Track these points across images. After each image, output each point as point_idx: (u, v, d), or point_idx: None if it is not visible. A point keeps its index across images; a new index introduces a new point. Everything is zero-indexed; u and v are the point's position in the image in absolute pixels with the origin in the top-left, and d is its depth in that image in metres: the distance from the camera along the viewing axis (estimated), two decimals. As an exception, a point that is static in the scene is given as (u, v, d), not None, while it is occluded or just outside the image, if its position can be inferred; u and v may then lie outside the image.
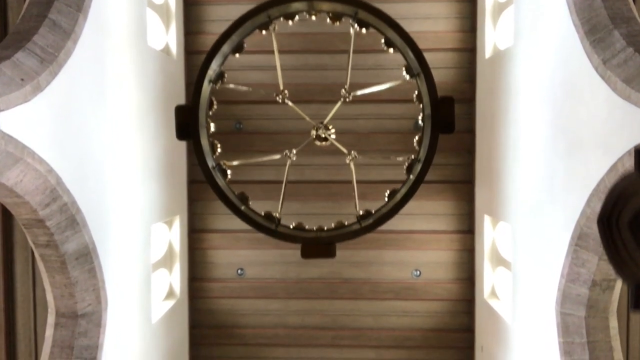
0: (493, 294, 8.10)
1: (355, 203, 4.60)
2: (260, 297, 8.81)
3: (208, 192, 8.76)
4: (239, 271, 8.85)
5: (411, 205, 8.73)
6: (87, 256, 5.38)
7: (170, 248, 8.28)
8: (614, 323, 5.39)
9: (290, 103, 4.80)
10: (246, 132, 8.73)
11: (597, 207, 4.89)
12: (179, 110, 4.33)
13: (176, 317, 8.20)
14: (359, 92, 4.92)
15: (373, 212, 4.54)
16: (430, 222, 8.74)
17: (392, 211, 4.24)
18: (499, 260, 7.94)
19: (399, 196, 4.23)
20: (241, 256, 8.84)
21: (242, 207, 4.28)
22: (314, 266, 8.82)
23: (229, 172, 4.36)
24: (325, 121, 4.85)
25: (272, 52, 9.15)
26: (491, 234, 8.09)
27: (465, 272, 8.71)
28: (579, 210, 5.12)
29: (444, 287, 8.69)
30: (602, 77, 4.73)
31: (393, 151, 8.69)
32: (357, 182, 8.61)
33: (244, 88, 5.29)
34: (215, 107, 4.49)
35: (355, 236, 4.19)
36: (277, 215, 4.40)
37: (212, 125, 4.47)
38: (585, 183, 4.98)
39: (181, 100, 8.46)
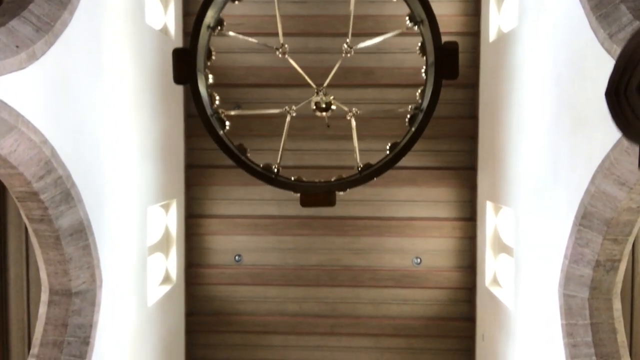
0: (495, 281, 8.09)
1: (356, 156, 4.54)
2: (258, 284, 8.80)
3: (206, 176, 8.81)
4: (237, 257, 8.84)
5: (412, 192, 8.82)
6: (82, 232, 5.36)
7: (167, 233, 8.27)
8: (617, 305, 5.37)
9: (290, 59, 4.75)
10: (245, 115, 8.70)
11: (602, 184, 4.88)
12: (177, 53, 4.27)
13: (172, 303, 8.19)
14: (360, 45, 4.86)
15: (373, 164, 4.49)
16: (432, 209, 8.73)
17: (392, 161, 4.19)
18: (501, 247, 7.93)
19: (399, 147, 4.18)
20: (239, 242, 8.83)
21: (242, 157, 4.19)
22: (313, 253, 8.81)
23: (227, 123, 4.28)
24: (326, 83, 4.82)
25: (271, 34, 9.15)
26: (493, 221, 8.08)
27: (467, 260, 8.69)
28: (583, 189, 5.10)
29: (444, 275, 8.67)
30: (608, 51, 4.70)
31: (395, 136, 8.65)
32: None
33: (246, 38, 5.19)
34: (214, 57, 4.45)
35: (354, 184, 4.15)
36: (276, 165, 4.33)
37: (210, 76, 4.43)
38: (590, 160, 4.96)
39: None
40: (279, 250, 8.81)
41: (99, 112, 5.68)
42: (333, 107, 4.61)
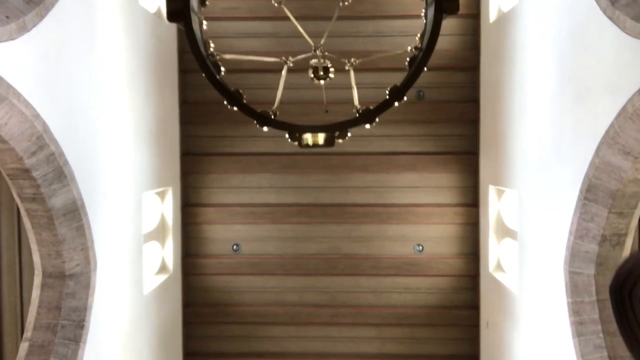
0: (498, 267, 8.08)
1: (354, 100, 4.49)
2: (256, 273, 8.77)
3: (202, 164, 8.79)
4: (235, 247, 8.82)
5: (413, 178, 8.81)
6: (75, 213, 5.34)
7: (163, 221, 8.25)
8: (624, 282, 5.36)
9: (285, 9, 4.71)
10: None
11: (607, 155, 4.88)
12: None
13: (169, 293, 8.17)
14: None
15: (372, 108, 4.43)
16: (433, 195, 8.72)
17: (391, 100, 4.13)
18: (505, 232, 7.92)
19: (399, 86, 4.13)
20: (237, 231, 8.82)
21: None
22: (313, 241, 8.80)
23: (222, 68, 4.22)
24: (323, 40, 4.79)
25: (266, 18, 9.14)
26: (496, 205, 8.07)
27: (470, 246, 8.68)
28: (587, 162, 5.09)
29: (447, 262, 8.66)
30: (611, 18, 4.70)
31: (395, 121, 8.67)
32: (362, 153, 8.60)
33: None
34: (207, 3, 4.43)
35: (354, 124, 4.09)
36: (274, 110, 4.28)
37: (204, 23, 4.39)
38: (594, 131, 4.95)
39: (174, 67, 8.45)
40: (278, 239, 8.80)
41: (92, 91, 5.67)
42: (331, 75, 4.60)
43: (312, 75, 4.63)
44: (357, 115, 4.15)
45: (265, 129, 4.20)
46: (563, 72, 5.65)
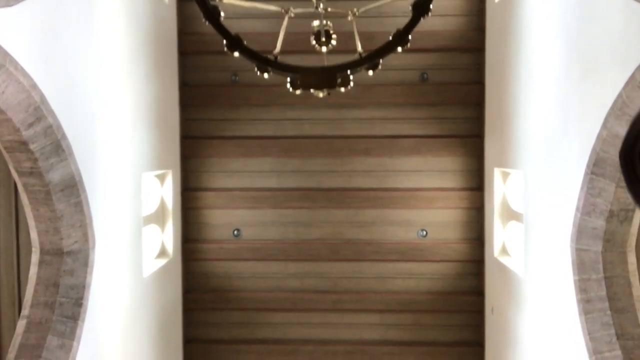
0: (504, 251, 8.06)
1: (357, 44, 4.44)
2: (257, 259, 8.77)
3: (202, 148, 8.78)
4: (235, 232, 8.82)
5: (417, 162, 8.80)
6: (74, 188, 5.34)
7: (163, 205, 8.25)
8: (632, 259, 5.34)
9: None
10: (242, 84, 8.70)
11: (614, 127, 4.85)
12: None
13: (169, 278, 8.17)
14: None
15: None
16: (437, 179, 8.70)
17: (394, 42, 4.08)
18: (510, 215, 7.90)
19: (402, 30, 4.08)
20: (237, 216, 8.81)
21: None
22: (315, 226, 8.79)
23: (222, 13, 4.17)
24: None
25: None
26: (501, 189, 8.05)
27: (474, 231, 8.67)
28: (594, 135, 5.07)
29: (451, 247, 8.65)
30: (619, -13, 4.68)
31: (398, 103, 8.66)
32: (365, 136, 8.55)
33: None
34: None
35: (358, 65, 4.05)
36: (275, 53, 4.23)
37: None
38: (602, 103, 4.93)
39: (173, 49, 8.43)
40: (279, 224, 8.79)
41: (90, 66, 5.67)
42: (333, 42, 4.56)
43: (314, 42, 4.60)
44: (360, 57, 4.11)
45: (265, 75, 4.14)
46: (569, 47, 5.63)
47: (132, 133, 6.76)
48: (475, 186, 8.62)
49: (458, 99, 8.62)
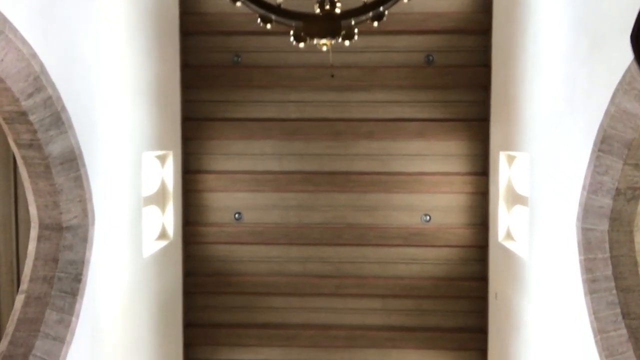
0: (508, 236, 8.05)
1: None
2: (259, 243, 8.78)
3: (203, 130, 8.78)
4: (237, 215, 8.82)
5: (421, 146, 8.78)
6: (73, 162, 5.34)
7: (163, 187, 8.26)
8: (639, 238, 5.33)
9: None
10: (244, 65, 8.69)
11: (623, 102, 4.83)
12: None
13: (169, 260, 8.18)
14: None
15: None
16: (442, 163, 8.69)
17: None
18: (515, 199, 7.89)
19: None
20: (239, 199, 8.81)
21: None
22: (317, 210, 8.79)
23: None
24: None
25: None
26: (507, 173, 8.03)
27: (479, 216, 8.66)
28: (602, 112, 5.05)
29: (455, 232, 8.64)
30: (629, -43, 4.65)
31: (403, 86, 8.64)
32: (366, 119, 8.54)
33: None
34: None
35: (362, 13, 4.01)
36: (278, 1, 4.19)
37: None
38: (610, 79, 4.90)
39: (175, 28, 8.42)
40: (281, 207, 8.79)
41: (90, 38, 5.66)
42: (337, 9, 4.54)
43: (318, 10, 4.57)
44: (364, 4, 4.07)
45: (268, 26, 4.09)
46: (577, 23, 5.60)
47: (132, 110, 6.76)
48: (480, 171, 8.61)
49: (464, 81, 8.60)
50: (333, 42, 4.08)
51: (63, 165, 5.29)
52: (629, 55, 4.67)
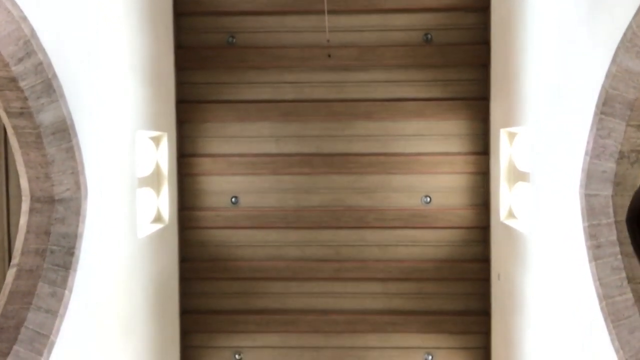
0: (510, 215, 8.04)
1: None
2: (256, 227, 8.76)
3: (198, 112, 8.78)
4: (233, 199, 8.81)
5: (420, 126, 8.79)
6: (65, 132, 5.33)
7: (158, 169, 8.25)
8: (643, 203, 5.33)
9: None
10: (239, 46, 8.69)
11: (624, 61, 4.83)
12: None
13: (165, 244, 8.17)
14: None
15: None
16: (442, 143, 8.69)
17: None
18: (517, 177, 7.89)
19: None
20: (235, 183, 8.80)
21: None
22: (315, 193, 8.78)
23: None
24: None
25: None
26: (508, 151, 8.04)
27: (480, 197, 8.66)
28: (603, 73, 5.06)
29: (456, 213, 8.63)
30: None
31: (401, 65, 8.65)
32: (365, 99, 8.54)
33: None
34: None
35: None
36: None
37: None
38: (611, 38, 4.91)
39: (168, 9, 8.42)
40: (278, 190, 8.78)
41: (82, 8, 5.66)
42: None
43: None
44: None
45: None
46: (578, -13, 5.62)
47: (126, 83, 6.75)
48: (481, 150, 8.61)
49: (463, 60, 8.61)
50: None
51: (55, 135, 5.28)
52: (631, 9, 4.69)
